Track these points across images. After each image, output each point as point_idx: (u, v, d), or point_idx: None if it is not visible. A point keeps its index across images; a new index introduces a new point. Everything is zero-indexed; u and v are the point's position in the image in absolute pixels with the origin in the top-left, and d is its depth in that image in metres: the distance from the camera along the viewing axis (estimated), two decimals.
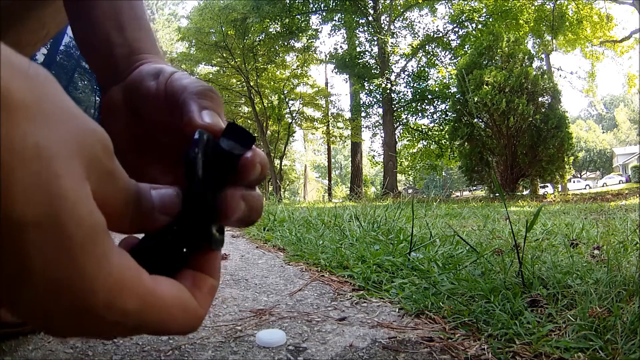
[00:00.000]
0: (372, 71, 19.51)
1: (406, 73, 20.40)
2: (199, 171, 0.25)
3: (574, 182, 38.17)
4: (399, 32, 20.62)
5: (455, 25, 19.21)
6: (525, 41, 16.10)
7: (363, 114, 21.08)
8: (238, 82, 20.76)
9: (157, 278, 0.23)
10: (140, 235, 0.28)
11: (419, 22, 22.70)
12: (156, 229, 0.27)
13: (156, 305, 0.22)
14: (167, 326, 0.23)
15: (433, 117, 20.05)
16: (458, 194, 31.63)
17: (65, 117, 0.19)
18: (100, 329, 0.21)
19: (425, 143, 20.62)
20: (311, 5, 19.27)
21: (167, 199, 0.27)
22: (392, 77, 19.30)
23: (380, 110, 20.30)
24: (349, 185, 23.56)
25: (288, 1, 18.29)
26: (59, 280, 0.18)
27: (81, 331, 0.21)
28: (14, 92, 0.17)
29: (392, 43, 19.67)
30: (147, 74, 0.37)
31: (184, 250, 0.28)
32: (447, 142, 17.12)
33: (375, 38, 19.41)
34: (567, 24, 17.39)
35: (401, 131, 20.68)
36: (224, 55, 18.79)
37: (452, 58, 19.91)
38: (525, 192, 13.88)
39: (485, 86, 12.51)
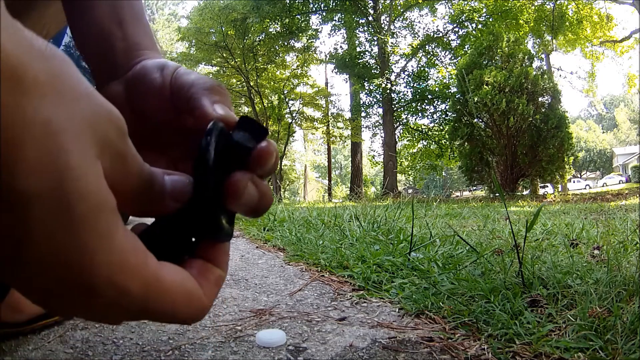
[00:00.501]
0: (372, 71, 19.51)
1: (406, 73, 20.40)
2: (210, 159, 0.25)
3: (574, 182, 38.16)
4: (399, 32, 20.64)
5: (455, 25, 19.21)
6: (525, 41, 16.10)
7: (363, 114, 21.09)
8: (238, 82, 20.76)
9: (163, 264, 0.23)
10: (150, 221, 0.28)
11: (419, 22, 22.73)
12: (167, 214, 0.27)
13: (160, 290, 0.22)
14: (171, 313, 0.23)
15: (433, 117, 20.06)
16: (458, 194, 31.64)
17: (78, 97, 0.20)
18: (102, 309, 0.21)
19: (425, 143, 20.62)
20: (311, 5, 19.27)
21: (179, 185, 0.27)
22: (392, 77, 19.30)
23: (380, 110, 20.31)
24: (349, 185, 23.56)
25: (288, 1, 18.29)
26: (60, 254, 0.18)
27: (81, 309, 0.21)
28: (29, 69, 0.17)
29: (392, 43, 19.67)
30: (151, 68, 0.36)
31: (192, 238, 0.28)
32: (447, 142, 17.12)
33: (375, 38, 19.41)
34: (567, 24, 17.39)
35: (401, 131, 20.68)
36: (224, 55, 18.80)
37: (452, 58, 19.92)
38: (525, 192, 13.88)
39: (485, 86, 12.51)
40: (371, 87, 19.81)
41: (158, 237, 0.27)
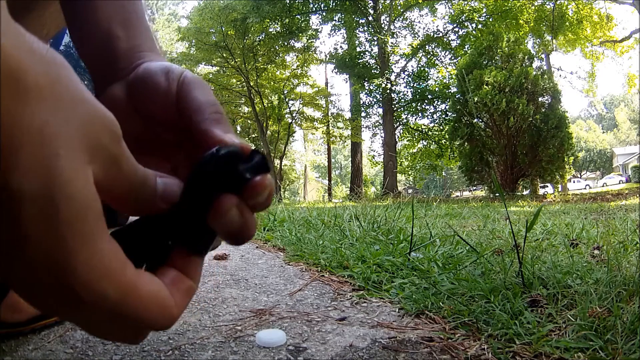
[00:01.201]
0: (372, 71, 19.52)
1: (406, 73, 20.41)
2: (207, 173, 0.26)
3: (574, 182, 38.15)
4: (399, 32, 20.64)
5: (455, 25, 19.22)
6: (525, 41, 16.09)
7: (363, 114, 21.09)
8: (238, 82, 20.76)
9: (140, 272, 0.24)
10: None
11: (419, 22, 22.72)
12: (155, 214, 0.28)
13: (136, 298, 0.23)
14: (142, 320, 0.24)
15: (433, 117, 20.07)
16: (458, 194, 31.66)
17: (75, 102, 0.20)
18: (80, 308, 0.22)
19: (425, 143, 20.63)
20: (311, 5, 19.27)
21: (170, 188, 0.28)
22: (392, 77, 19.30)
23: (380, 110, 20.31)
24: (349, 185, 23.56)
25: (288, 1, 18.29)
26: (45, 252, 0.19)
27: (61, 308, 0.22)
28: (30, 74, 0.18)
29: (392, 43, 19.68)
30: (154, 70, 0.36)
31: (169, 243, 0.29)
32: (447, 142, 17.13)
33: (375, 38, 19.41)
34: (567, 24, 17.39)
35: (401, 131, 20.69)
36: (224, 55, 18.80)
37: (452, 58, 19.92)
38: (525, 192, 13.89)
39: (485, 86, 12.51)
40: (371, 87, 19.81)
41: (136, 235, 0.28)
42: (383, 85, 18.51)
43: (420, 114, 20.25)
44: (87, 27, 0.40)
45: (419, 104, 19.93)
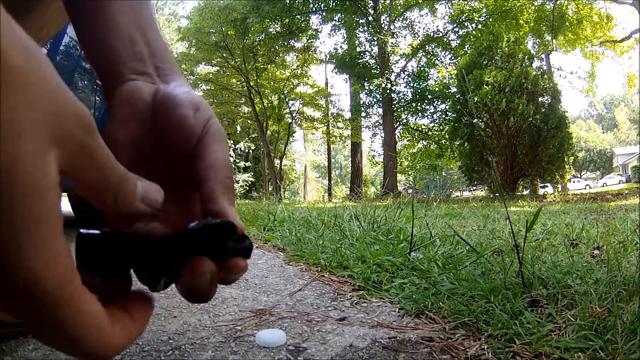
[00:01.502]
0: (372, 71, 19.52)
1: (406, 73, 20.41)
2: (203, 234, 0.28)
3: (574, 182, 38.13)
4: (399, 32, 20.63)
5: (455, 25, 19.22)
6: (525, 41, 16.09)
7: (363, 114, 21.09)
8: (238, 82, 20.76)
9: (85, 289, 0.23)
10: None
11: (419, 22, 22.70)
12: (134, 218, 0.28)
13: (74, 307, 0.22)
14: (79, 336, 0.23)
15: (433, 117, 20.08)
16: (458, 194, 31.67)
17: (52, 90, 0.21)
18: (20, 307, 0.21)
19: (425, 143, 20.63)
20: (311, 5, 19.26)
21: (150, 188, 0.28)
22: (392, 77, 19.29)
23: (380, 110, 20.31)
24: (349, 185, 23.56)
25: (288, 1, 18.29)
26: None
27: (11, 305, 0.22)
28: (15, 57, 0.19)
29: (392, 43, 19.67)
30: (184, 102, 0.36)
31: (128, 271, 0.29)
32: (447, 142, 17.13)
33: (375, 38, 19.41)
34: (567, 24, 17.39)
35: (401, 131, 20.69)
36: (224, 55, 18.79)
37: (452, 58, 19.92)
38: (525, 192, 13.89)
39: (485, 86, 12.51)
40: (371, 87, 19.80)
41: (106, 246, 0.28)
42: (383, 85, 18.50)
43: (420, 114, 20.25)
44: (89, 26, 0.39)
45: (419, 104, 19.93)
